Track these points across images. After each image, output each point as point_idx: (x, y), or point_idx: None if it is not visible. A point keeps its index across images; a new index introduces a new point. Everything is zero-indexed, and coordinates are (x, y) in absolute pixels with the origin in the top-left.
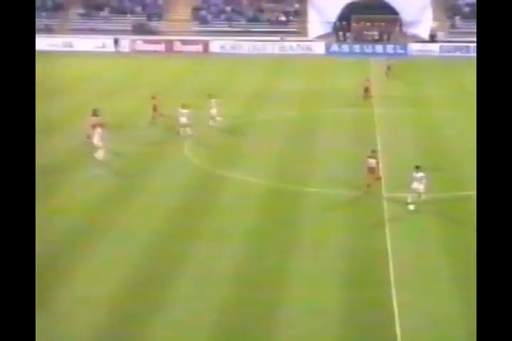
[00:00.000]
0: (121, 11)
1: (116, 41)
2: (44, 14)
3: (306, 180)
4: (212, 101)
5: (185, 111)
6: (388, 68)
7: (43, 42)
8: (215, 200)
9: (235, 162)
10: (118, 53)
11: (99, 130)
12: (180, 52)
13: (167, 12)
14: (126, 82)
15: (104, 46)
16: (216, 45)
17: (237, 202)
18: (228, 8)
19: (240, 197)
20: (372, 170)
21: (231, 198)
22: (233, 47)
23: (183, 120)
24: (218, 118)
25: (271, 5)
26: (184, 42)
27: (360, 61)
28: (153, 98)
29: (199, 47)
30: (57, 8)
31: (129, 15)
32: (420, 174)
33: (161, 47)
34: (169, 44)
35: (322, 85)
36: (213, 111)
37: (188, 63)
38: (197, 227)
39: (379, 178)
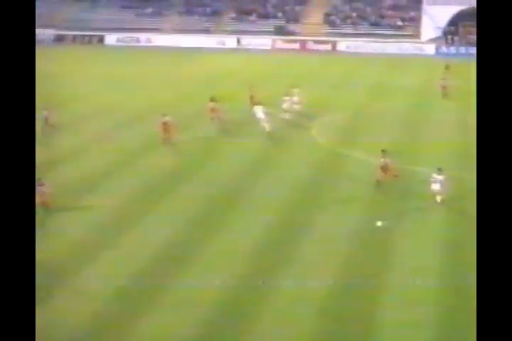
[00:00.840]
0: (265, 16)
1: (238, 41)
2: (204, 18)
3: (415, 160)
4: (295, 90)
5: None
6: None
7: (202, 41)
8: (339, 173)
9: (356, 142)
10: (259, 51)
11: (260, 107)
12: (312, 50)
13: (303, 17)
14: (267, 74)
15: (250, 45)
16: (343, 45)
17: (359, 175)
18: (354, 14)
19: (361, 171)
20: (383, 168)
21: (353, 172)
22: (357, 47)
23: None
24: (296, 106)
25: (390, 12)
26: (316, 42)
27: (464, 61)
28: (250, 88)
29: (328, 47)
30: (215, 13)
31: (271, 19)
32: (441, 177)
33: (297, 46)
34: (303, 43)
35: (431, 81)
36: (295, 99)
37: (318, 60)
38: (323, 196)
39: (395, 175)
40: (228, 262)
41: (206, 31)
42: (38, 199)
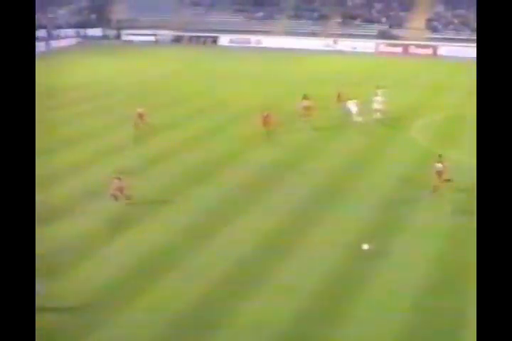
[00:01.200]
0: (370, 21)
1: (343, 44)
2: (311, 22)
3: None
4: (379, 91)
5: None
6: None
7: (309, 43)
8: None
9: (454, 143)
10: (363, 53)
11: (355, 101)
12: (414, 54)
13: (406, 22)
14: (368, 75)
15: (355, 47)
16: (444, 49)
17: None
18: (456, 21)
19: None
20: (439, 173)
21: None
22: (458, 52)
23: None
24: (378, 107)
25: None
26: (418, 46)
27: None
28: (339, 87)
29: (429, 51)
30: (322, 17)
31: (375, 23)
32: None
33: (399, 49)
34: (405, 47)
35: None
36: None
37: (419, 63)
38: (418, 195)
39: (448, 180)
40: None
41: (313, 34)
42: (113, 192)
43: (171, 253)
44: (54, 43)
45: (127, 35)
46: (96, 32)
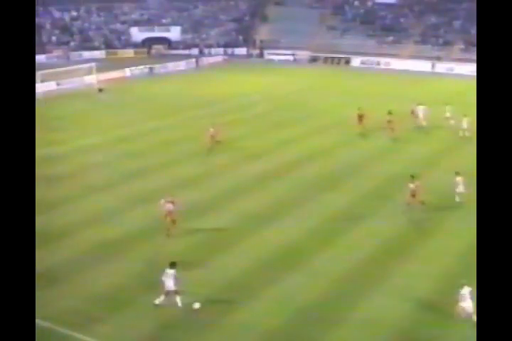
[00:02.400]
0: None
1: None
2: (436, 48)
3: None
4: (420, 107)
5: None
6: None
7: (433, 67)
8: None
9: None
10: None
11: (423, 107)
12: None
13: None
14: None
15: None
16: None
17: None
18: None
19: None
20: (413, 192)
21: None
22: None
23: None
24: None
25: None
26: None
27: None
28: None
29: None
30: (446, 43)
31: None
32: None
33: None
34: None
35: None
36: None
37: None
38: None
39: (422, 202)
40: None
41: (437, 58)
42: (165, 216)
43: (300, 252)
44: (205, 60)
45: (269, 55)
46: (241, 51)
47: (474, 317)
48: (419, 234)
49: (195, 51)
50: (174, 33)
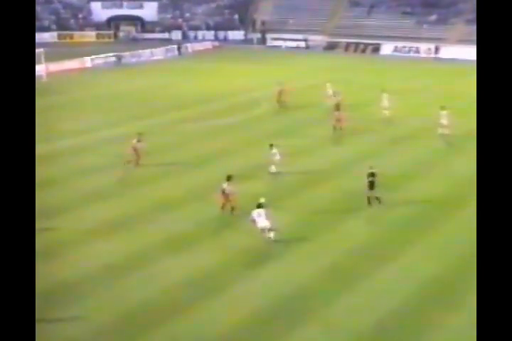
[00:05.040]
0: None
1: None
2: None
3: None
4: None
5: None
6: None
7: None
8: None
9: None
10: None
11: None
12: None
13: None
14: None
15: None
16: None
17: None
18: None
19: None
20: (225, 194)
21: None
22: None
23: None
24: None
25: None
26: None
27: None
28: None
29: None
30: None
31: None
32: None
33: None
34: None
35: None
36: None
37: None
38: None
39: (233, 208)
40: None
41: None
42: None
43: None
44: (190, 47)
45: (273, 40)
46: (237, 35)
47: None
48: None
49: (176, 35)
50: (149, 11)
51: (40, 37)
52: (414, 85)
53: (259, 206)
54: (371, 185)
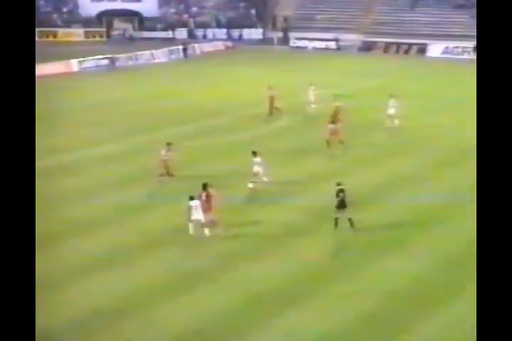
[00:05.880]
0: None
1: None
2: None
3: None
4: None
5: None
6: None
7: None
8: None
9: None
10: None
11: None
12: None
13: None
14: None
15: None
16: None
17: None
18: None
19: None
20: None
21: None
22: None
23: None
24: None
25: None
26: None
27: None
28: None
29: None
30: None
31: None
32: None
33: None
34: None
35: None
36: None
37: None
38: None
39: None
40: None
41: None
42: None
43: None
44: (198, 48)
45: (297, 40)
46: (255, 34)
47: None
48: None
49: (181, 33)
50: (148, 4)
51: None
52: (470, 95)
53: (192, 198)
54: (341, 204)
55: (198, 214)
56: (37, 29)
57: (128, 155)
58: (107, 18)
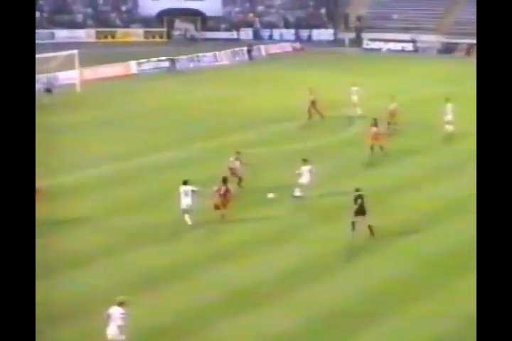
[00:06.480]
0: None
1: None
2: None
3: None
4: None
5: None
6: None
7: None
8: None
9: None
10: None
11: None
12: None
13: None
14: None
15: None
16: None
17: None
18: None
19: None
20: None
21: None
22: None
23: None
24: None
25: None
26: None
27: None
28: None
29: None
30: None
31: None
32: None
33: None
34: None
35: None
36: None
37: None
38: None
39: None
40: None
41: None
42: None
43: None
44: (264, 49)
45: (371, 41)
46: (325, 34)
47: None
48: None
49: (246, 34)
50: (212, 3)
51: (74, 35)
52: None
53: (186, 183)
54: (360, 210)
55: (186, 200)
56: (95, 29)
57: (188, 162)
58: (167, 17)
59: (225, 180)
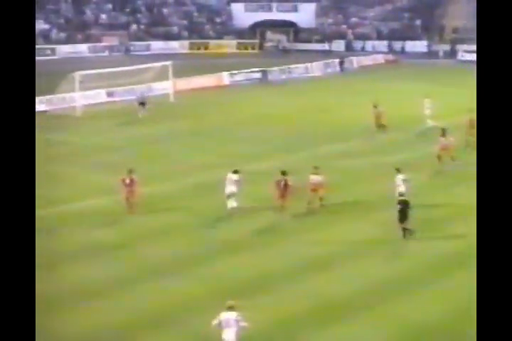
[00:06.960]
0: None
1: None
2: None
3: None
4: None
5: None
6: None
7: None
8: None
9: None
10: None
11: None
12: None
13: None
14: None
15: None
16: None
17: None
18: None
19: None
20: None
21: None
22: None
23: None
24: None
25: None
26: None
27: None
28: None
29: None
30: None
31: None
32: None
33: None
34: None
35: None
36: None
37: None
38: None
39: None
40: None
41: None
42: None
43: None
44: (356, 61)
45: (466, 53)
46: (418, 46)
47: None
48: None
49: (338, 45)
50: (305, 15)
51: (168, 46)
52: None
53: (236, 171)
54: (403, 216)
55: (232, 187)
56: (188, 41)
57: (274, 174)
58: (260, 29)
59: (284, 173)
